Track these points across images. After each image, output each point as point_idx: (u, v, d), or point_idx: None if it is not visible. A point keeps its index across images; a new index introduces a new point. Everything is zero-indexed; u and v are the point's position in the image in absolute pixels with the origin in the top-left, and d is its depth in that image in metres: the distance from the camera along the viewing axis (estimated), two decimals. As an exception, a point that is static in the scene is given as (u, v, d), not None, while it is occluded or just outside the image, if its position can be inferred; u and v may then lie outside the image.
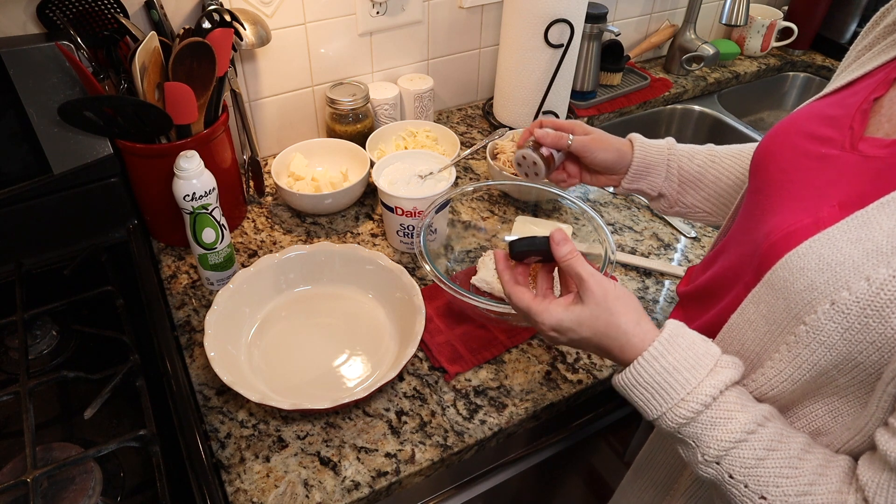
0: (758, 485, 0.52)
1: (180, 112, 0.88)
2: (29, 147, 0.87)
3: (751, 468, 0.53)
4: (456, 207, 1.08)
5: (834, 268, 0.50)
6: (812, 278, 0.51)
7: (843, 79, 0.64)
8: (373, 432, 0.79)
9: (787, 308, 0.54)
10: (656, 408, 0.57)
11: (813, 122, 0.63)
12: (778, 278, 0.54)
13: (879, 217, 0.50)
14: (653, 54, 1.63)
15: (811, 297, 0.51)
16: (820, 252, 0.51)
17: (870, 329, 0.48)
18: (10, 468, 0.71)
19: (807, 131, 0.62)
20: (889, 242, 0.48)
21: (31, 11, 0.89)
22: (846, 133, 0.58)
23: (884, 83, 0.59)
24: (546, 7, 1.13)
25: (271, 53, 1.12)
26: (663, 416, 0.56)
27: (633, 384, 0.58)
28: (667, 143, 0.85)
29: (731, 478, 0.53)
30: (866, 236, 0.50)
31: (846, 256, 0.50)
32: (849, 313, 0.49)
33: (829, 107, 0.63)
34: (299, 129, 1.24)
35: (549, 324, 0.62)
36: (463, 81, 1.39)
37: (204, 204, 0.86)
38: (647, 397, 0.57)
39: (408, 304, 0.88)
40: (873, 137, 0.56)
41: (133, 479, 0.74)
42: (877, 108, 0.58)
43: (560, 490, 1.26)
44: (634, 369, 0.58)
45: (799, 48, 1.69)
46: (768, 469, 0.52)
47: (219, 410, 0.80)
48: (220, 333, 0.83)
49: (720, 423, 0.54)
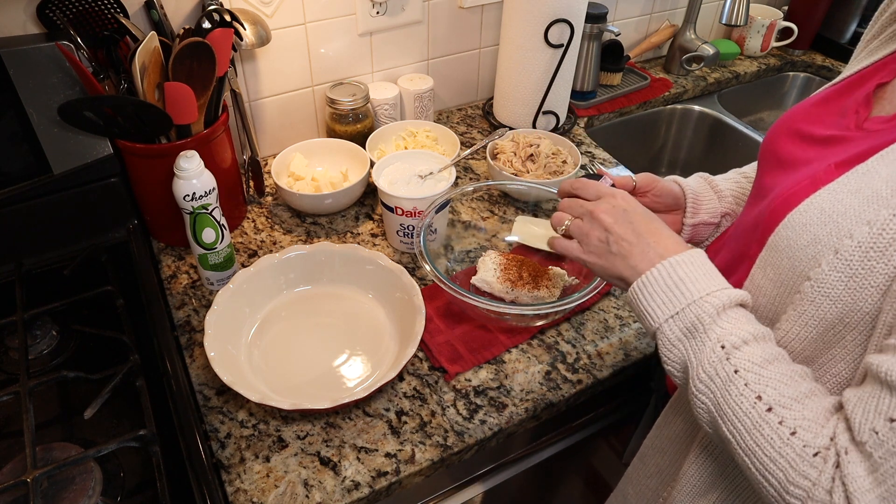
0: (758, 384, 0.53)
1: (180, 112, 0.88)
2: (29, 147, 0.87)
3: (757, 366, 0.54)
4: (456, 207, 1.08)
5: (836, 219, 0.52)
6: (815, 232, 0.53)
7: (851, 68, 0.67)
8: (373, 432, 0.79)
9: (791, 267, 0.55)
10: (680, 299, 0.57)
11: (820, 109, 0.65)
12: (781, 238, 0.56)
13: (878, 167, 0.52)
14: (653, 54, 1.63)
15: (815, 251, 0.53)
16: (821, 206, 0.54)
17: (874, 272, 0.50)
18: (10, 468, 0.71)
19: (813, 116, 0.65)
20: (888, 186, 0.50)
21: (31, 11, 0.89)
22: (852, 117, 0.61)
23: (891, 71, 0.61)
24: (546, 7, 1.13)
25: (271, 53, 1.12)
26: (688, 307, 0.57)
27: (666, 274, 0.59)
28: (698, 175, 0.87)
29: (735, 373, 0.54)
30: (866, 185, 0.52)
31: (847, 206, 0.52)
32: (852, 260, 0.51)
33: (838, 94, 0.65)
34: (299, 129, 1.24)
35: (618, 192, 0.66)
36: (463, 81, 1.39)
37: (204, 204, 0.86)
38: (673, 290, 0.58)
39: (408, 304, 0.88)
40: (877, 116, 0.59)
41: (133, 479, 0.74)
42: (881, 94, 0.61)
43: (560, 490, 1.26)
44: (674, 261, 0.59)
45: (799, 48, 1.69)
46: (771, 373, 0.53)
47: (219, 410, 0.80)
48: (220, 333, 0.83)
49: (743, 320, 0.56)
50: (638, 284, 0.61)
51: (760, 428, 0.52)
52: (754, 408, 0.52)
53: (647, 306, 0.60)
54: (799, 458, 0.50)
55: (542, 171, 1.11)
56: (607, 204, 0.65)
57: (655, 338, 0.60)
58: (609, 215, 0.64)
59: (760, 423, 0.52)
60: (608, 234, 0.64)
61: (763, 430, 0.52)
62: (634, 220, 0.64)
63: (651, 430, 0.80)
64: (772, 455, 0.51)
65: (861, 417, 0.48)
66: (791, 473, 0.50)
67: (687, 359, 0.58)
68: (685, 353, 0.58)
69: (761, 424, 0.52)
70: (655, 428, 0.79)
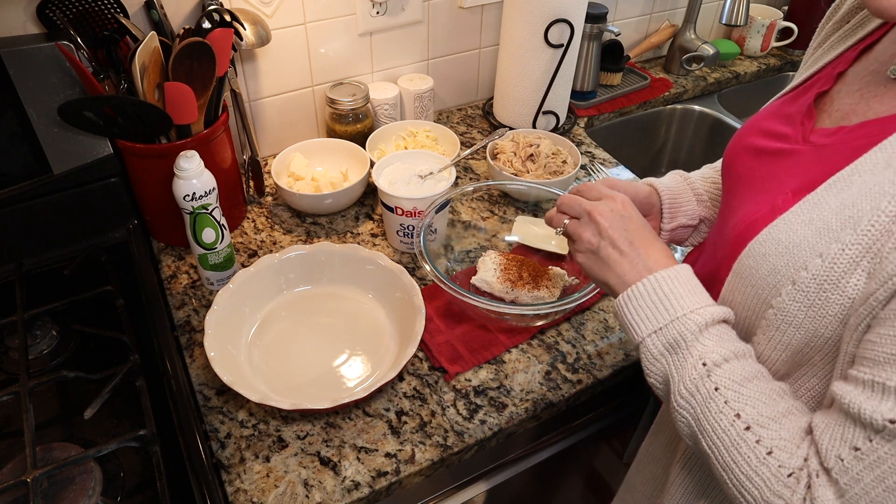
0: (737, 402, 0.54)
1: (180, 112, 0.88)
2: (29, 147, 0.87)
3: (737, 384, 0.55)
4: (456, 207, 1.08)
5: (791, 250, 0.53)
6: (773, 262, 0.55)
7: (798, 77, 0.68)
8: (373, 432, 0.79)
9: (755, 294, 0.57)
10: (664, 315, 0.58)
11: (771, 121, 0.66)
12: (744, 267, 0.58)
13: (826, 197, 0.53)
14: (653, 54, 1.63)
15: (775, 281, 0.54)
16: (777, 237, 0.55)
17: (830, 302, 0.51)
18: (10, 468, 0.71)
19: (765, 130, 0.66)
20: (837, 219, 0.52)
21: (31, 11, 0.89)
22: (798, 128, 0.62)
23: (829, 78, 0.63)
24: (546, 7, 1.13)
25: (271, 53, 1.12)
26: (672, 323, 0.58)
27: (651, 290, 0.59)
28: (675, 173, 0.86)
29: (715, 390, 0.55)
30: (817, 216, 0.53)
31: (801, 238, 0.53)
32: (808, 291, 0.52)
33: (786, 105, 0.66)
34: (299, 129, 1.24)
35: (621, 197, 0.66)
36: (463, 81, 1.39)
37: (204, 204, 0.86)
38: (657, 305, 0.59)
39: (408, 304, 0.88)
40: (822, 128, 0.60)
41: (133, 479, 0.74)
42: (823, 103, 0.62)
43: (560, 490, 1.26)
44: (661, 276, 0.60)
45: (799, 48, 1.68)
46: (751, 391, 0.54)
47: (219, 410, 0.80)
48: (220, 333, 0.83)
49: (725, 337, 0.57)
50: (624, 297, 0.61)
51: (738, 446, 0.53)
52: (733, 425, 0.53)
53: (631, 319, 0.61)
54: (774, 478, 0.51)
55: (542, 171, 1.11)
56: (606, 206, 0.65)
57: (638, 350, 0.61)
58: (606, 219, 0.64)
59: (738, 441, 0.53)
60: (600, 239, 0.64)
61: (741, 447, 0.53)
62: (629, 228, 0.64)
63: (646, 438, 0.80)
64: (748, 473, 0.52)
65: (828, 444, 0.50)
66: (766, 492, 0.51)
67: (669, 373, 0.59)
68: (667, 367, 0.59)
69: (739, 442, 0.53)
70: (650, 435, 0.79)
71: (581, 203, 0.67)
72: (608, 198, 0.66)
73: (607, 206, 0.65)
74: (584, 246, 0.66)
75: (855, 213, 0.51)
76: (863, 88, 0.59)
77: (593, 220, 0.65)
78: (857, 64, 0.62)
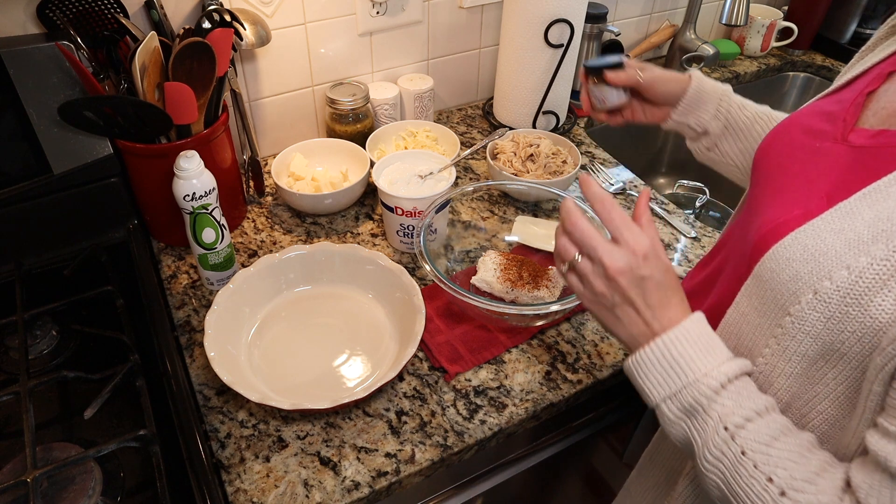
0: (767, 465, 0.52)
1: (180, 112, 0.88)
2: (29, 147, 0.87)
3: (763, 445, 0.53)
4: (456, 207, 1.08)
5: (817, 258, 0.52)
6: (797, 269, 0.53)
7: (845, 77, 0.66)
8: (373, 432, 0.79)
9: (774, 299, 0.55)
10: (676, 381, 0.56)
11: (812, 118, 0.64)
12: (766, 270, 0.56)
13: (861, 207, 0.52)
14: (653, 54, 1.63)
15: (796, 288, 0.53)
16: (805, 243, 0.53)
17: (850, 318, 0.50)
18: (10, 468, 0.71)
19: (805, 126, 0.64)
20: (869, 232, 0.50)
21: (31, 11, 0.89)
22: (839, 126, 0.60)
23: (878, 77, 0.61)
24: (546, 7, 1.13)
25: (271, 53, 1.12)
26: (685, 388, 0.55)
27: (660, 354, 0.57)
28: (722, 86, 0.88)
29: (742, 454, 0.53)
30: (849, 226, 0.51)
31: (829, 246, 0.51)
32: (830, 302, 0.50)
33: (829, 104, 0.64)
34: (299, 129, 1.24)
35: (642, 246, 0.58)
36: (463, 81, 1.39)
37: (204, 204, 0.86)
38: (668, 371, 0.57)
39: (408, 304, 0.88)
40: (862, 129, 0.58)
41: (133, 479, 0.74)
42: (869, 102, 0.60)
43: (560, 490, 1.26)
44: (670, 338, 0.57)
45: (799, 48, 1.69)
46: (779, 451, 0.52)
47: (219, 410, 0.80)
48: (220, 333, 0.83)
49: (744, 395, 0.55)
50: (634, 361, 0.59)
51: None
52: (766, 491, 0.51)
53: (643, 384, 0.58)
54: None
55: (542, 171, 1.11)
56: (625, 262, 0.58)
57: (656, 413, 0.59)
58: (624, 277, 0.58)
59: None
60: (614, 293, 0.59)
61: None
62: (647, 289, 0.58)
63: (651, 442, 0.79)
64: None
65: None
66: None
67: (690, 437, 0.56)
68: (687, 431, 0.57)
69: None
70: (655, 439, 0.78)
71: (595, 248, 0.59)
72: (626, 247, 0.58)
73: (625, 260, 0.58)
74: (594, 296, 0.61)
75: (889, 228, 0.49)
76: None
77: (609, 276, 0.59)
78: None
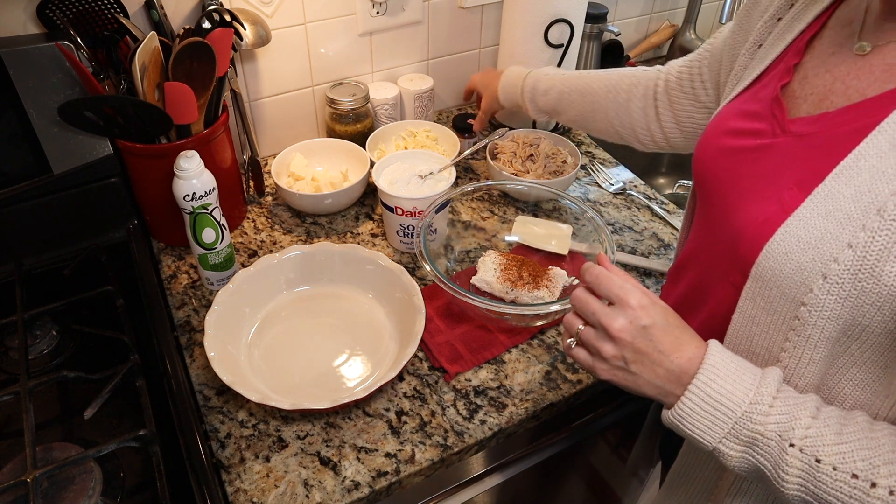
0: (844, 463, 0.51)
1: (180, 112, 0.88)
2: (29, 147, 0.87)
3: (833, 445, 0.52)
4: (456, 207, 1.08)
5: (815, 244, 0.53)
6: (798, 260, 0.53)
7: (747, 77, 0.68)
8: (373, 432, 0.79)
9: (783, 294, 0.55)
10: (725, 421, 0.55)
11: (735, 121, 0.66)
12: (765, 269, 0.56)
13: (838, 187, 0.53)
14: (653, 54, 1.63)
15: (803, 278, 0.53)
16: (797, 234, 0.54)
17: (866, 291, 0.51)
18: (10, 468, 0.71)
19: (731, 129, 0.65)
20: (857, 207, 0.51)
21: (31, 11, 0.89)
22: (771, 121, 0.61)
23: (787, 71, 0.63)
24: (546, 7, 1.13)
25: (271, 53, 1.12)
26: (737, 424, 0.55)
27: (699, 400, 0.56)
28: (522, 84, 1.04)
29: (818, 462, 0.52)
30: (834, 207, 0.52)
31: (823, 230, 0.52)
32: (842, 282, 0.51)
33: (745, 103, 0.66)
34: (299, 129, 1.24)
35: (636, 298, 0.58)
36: (463, 81, 1.39)
37: (204, 204, 0.86)
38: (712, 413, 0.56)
39: (408, 304, 0.88)
40: (800, 117, 0.59)
41: (133, 479, 0.74)
42: (789, 93, 0.62)
43: (560, 490, 1.26)
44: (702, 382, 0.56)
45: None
46: (848, 444, 0.52)
47: (219, 410, 0.80)
48: (220, 333, 0.83)
49: (791, 405, 0.54)
50: (674, 415, 0.58)
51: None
52: (856, 488, 0.51)
53: (693, 433, 0.57)
54: None
55: (542, 171, 1.11)
56: (625, 319, 0.58)
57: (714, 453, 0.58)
58: (628, 333, 0.58)
59: (873, 501, 0.51)
60: (623, 351, 0.59)
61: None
62: (654, 336, 0.58)
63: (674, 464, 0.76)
64: None
65: None
66: None
67: (759, 465, 0.56)
68: (753, 460, 0.56)
69: (875, 502, 0.51)
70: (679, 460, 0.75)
71: (595, 312, 0.60)
72: (623, 304, 0.59)
73: (624, 316, 0.58)
74: (606, 363, 0.60)
75: (874, 199, 0.50)
76: (832, 69, 0.59)
77: (613, 336, 0.59)
78: (810, 51, 0.62)
